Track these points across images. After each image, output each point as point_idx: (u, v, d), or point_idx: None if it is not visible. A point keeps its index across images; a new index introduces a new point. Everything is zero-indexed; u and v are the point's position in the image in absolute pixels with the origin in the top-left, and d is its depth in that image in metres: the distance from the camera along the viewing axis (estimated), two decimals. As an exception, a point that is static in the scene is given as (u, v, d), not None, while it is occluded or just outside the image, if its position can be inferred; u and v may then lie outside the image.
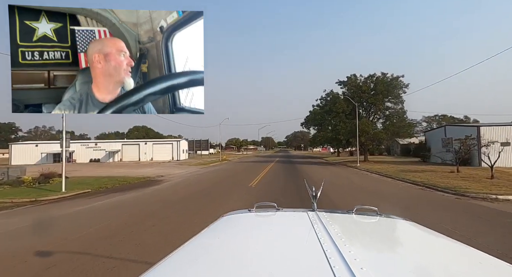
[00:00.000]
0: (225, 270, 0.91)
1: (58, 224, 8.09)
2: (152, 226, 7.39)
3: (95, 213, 9.46)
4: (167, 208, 9.80)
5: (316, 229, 1.16)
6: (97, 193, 13.86)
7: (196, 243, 1.20)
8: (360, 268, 0.79)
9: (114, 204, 11.07)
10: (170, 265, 0.99)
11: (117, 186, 16.44)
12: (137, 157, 47.83)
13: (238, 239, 1.29)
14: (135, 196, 12.61)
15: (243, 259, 1.01)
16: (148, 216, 8.55)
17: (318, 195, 1.63)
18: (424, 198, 11.12)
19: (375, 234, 1.38)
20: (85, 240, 6.27)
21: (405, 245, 1.24)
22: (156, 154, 47.76)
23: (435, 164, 26.14)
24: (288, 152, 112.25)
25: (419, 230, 1.40)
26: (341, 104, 34.72)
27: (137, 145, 49.61)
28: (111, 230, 7.06)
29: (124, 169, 28.88)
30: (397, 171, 21.04)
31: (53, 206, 11.04)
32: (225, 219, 1.55)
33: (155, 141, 52.74)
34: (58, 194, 13.31)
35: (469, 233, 6.30)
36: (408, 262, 1.00)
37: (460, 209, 8.99)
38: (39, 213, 10.02)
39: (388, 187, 14.35)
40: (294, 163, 35.15)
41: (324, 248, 0.94)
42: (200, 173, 24.19)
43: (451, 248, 1.17)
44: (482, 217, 7.83)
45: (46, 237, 6.69)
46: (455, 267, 1.00)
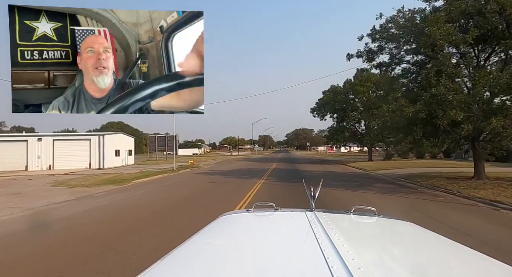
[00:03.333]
0: (223, 270, 0.91)
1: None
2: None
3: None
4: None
5: (314, 229, 1.16)
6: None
7: (194, 243, 1.20)
8: (358, 268, 0.78)
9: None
10: (168, 265, 0.99)
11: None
12: (24, 162, 24.75)
13: (236, 239, 1.28)
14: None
15: (241, 259, 1.00)
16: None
17: (317, 195, 1.63)
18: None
19: (373, 234, 1.38)
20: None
21: (403, 245, 1.23)
22: (62, 159, 25.17)
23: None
24: (289, 152, 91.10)
25: (417, 230, 1.40)
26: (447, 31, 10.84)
27: (23, 142, 25.27)
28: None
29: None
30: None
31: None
32: (223, 219, 1.54)
33: (60, 136, 29.81)
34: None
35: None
36: (406, 262, 1.00)
37: None
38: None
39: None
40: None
41: (322, 248, 0.94)
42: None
43: (449, 248, 1.17)
44: None
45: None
46: (453, 267, 1.00)
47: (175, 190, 13.28)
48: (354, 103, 32.19)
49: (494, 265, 0.96)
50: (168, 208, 8.69)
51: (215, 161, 37.62)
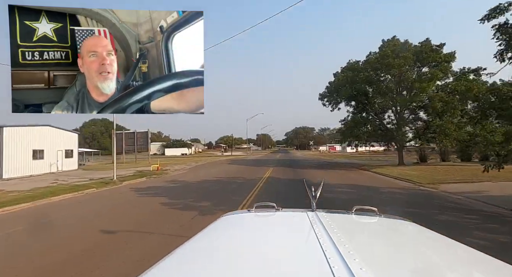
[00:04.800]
0: (224, 270, 0.92)
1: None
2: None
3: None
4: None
5: (316, 229, 1.16)
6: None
7: (196, 243, 1.20)
8: (359, 268, 0.79)
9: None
10: (170, 264, 0.99)
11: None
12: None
13: (237, 239, 1.29)
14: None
15: (243, 259, 1.01)
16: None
17: (318, 195, 1.63)
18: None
19: (375, 234, 1.38)
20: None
21: (404, 245, 1.24)
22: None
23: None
24: (289, 152, 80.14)
25: (418, 230, 1.40)
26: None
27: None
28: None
29: None
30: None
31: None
32: (225, 219, 1.54)
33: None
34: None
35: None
36: (407, 262, 1.00)
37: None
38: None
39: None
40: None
41: (323, 248, 0.94)
42: None
43: (450, 248, 1.17)
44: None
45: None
46: (454, 267, 1.00)
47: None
48: (384, 84, 23.00)
49: (495, 264, 0.97)
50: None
51: (195, 164, 28.92)
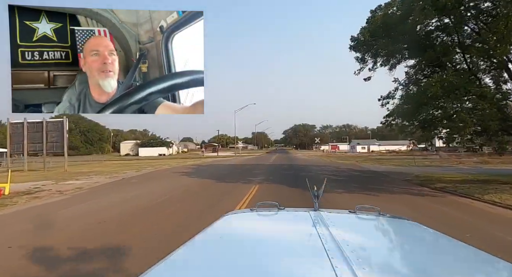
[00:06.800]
0: (227, 269, 0.91)
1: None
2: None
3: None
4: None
5: (318, 228, 1.16)
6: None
7: (198, 242, 1.20)
8: (362, 268, 0.78)
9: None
10: (172, 264, 0.99)
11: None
12: None
13: (240, 238, 1.28)
14: None
15: (245, 258, 1.00)
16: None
17: (320, 195, 1.63)
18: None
19: (377, 234, 1.38)
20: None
21: (407, 245, 1.23)
22: None
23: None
24: (288, 153, 66.50)
25: (421, 229, 1.40)
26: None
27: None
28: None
29: None
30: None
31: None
32: (227, 218, 1.54)
33: None
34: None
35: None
36: (410, 261, 1.00)
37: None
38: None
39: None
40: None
41: (326, 247, 0.94)
42: None
43: (453, 248, 1.17)
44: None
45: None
46: (457, 266, 1.00)
47: None
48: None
49: (497, 263, 0.97)
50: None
51: (138, 173, 16.50)
